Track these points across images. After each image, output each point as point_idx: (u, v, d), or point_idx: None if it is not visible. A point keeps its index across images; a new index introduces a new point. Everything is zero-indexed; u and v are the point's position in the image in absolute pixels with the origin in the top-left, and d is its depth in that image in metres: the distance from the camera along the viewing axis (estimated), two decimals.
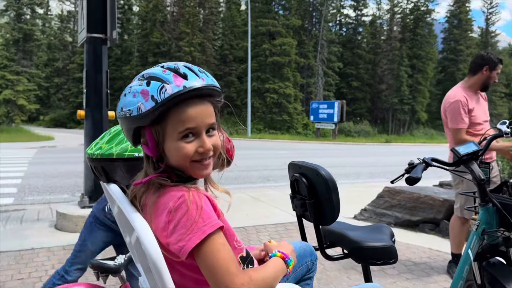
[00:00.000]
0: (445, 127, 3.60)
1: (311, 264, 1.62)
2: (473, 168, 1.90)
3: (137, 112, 1.09)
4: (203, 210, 1.06)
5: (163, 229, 1.06)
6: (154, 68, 1.15)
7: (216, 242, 1.05)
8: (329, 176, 1.55)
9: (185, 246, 1.02)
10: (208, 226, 1.04)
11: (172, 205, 1.05)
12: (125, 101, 1.13)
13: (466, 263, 1.90)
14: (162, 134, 1.12)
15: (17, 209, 5.82)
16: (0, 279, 3.33)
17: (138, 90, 1.11)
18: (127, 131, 1.16)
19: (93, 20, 4.58)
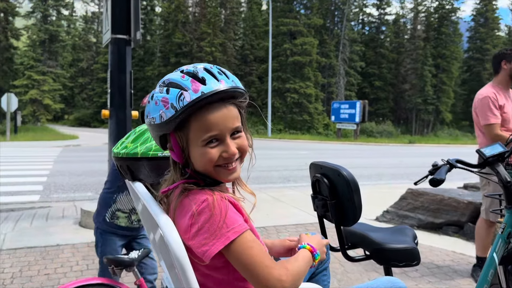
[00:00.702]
0: (476, 127, 3.52)
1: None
2: (499, 170, 1.86)
3: (160, 120, 1.10)
4: (227, 216, 1.06)
5: (185, 231, 1.07)
6: (174, 74, 1.15)
7: (246, 240, 1.06)
8: (351, 177, 1.54)
9: (208, 251, 1.04)
10: (232, 232, 1.05)
11: (195, 208, 1.06)
12: (149, 108, 1.14)
13: (491, 266, 1.86)
14: (186, 140, 1.13)
15: (42, 206, 5.98)
16: (29, 273, 3.43)
17: (159, 98, 1.11)
18: (155, 137, 1.18)
19: (117, 21, 4.65)
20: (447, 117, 49.10)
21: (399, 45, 51.16)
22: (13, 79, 38.38)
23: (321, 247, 1.30)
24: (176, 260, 0.97)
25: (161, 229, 1.01)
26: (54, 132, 28.62)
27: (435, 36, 49.80)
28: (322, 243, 1.32)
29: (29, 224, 4.90)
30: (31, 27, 40.03)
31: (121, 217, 2.36)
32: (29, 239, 4.30)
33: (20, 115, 26.81)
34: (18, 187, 7.64)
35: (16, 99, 20.78)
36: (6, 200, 6.50)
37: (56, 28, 40.23)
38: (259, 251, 1.07)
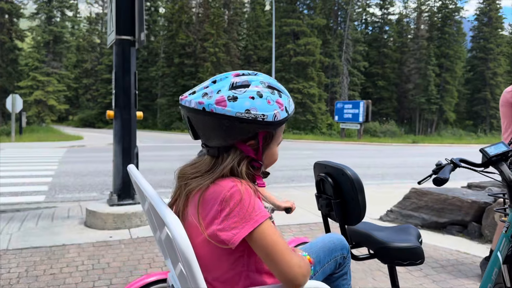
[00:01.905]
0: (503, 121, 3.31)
1: (342, 259, 1.61)
2: (503, 169, 1.87)
3: (273, 118, 1.20)
4: (256, 201, 1.14)
5: (214, 217, 1.13)
6: (271, 79, 1.27)
7: (269, 226, 1.14)
8: (355, 176, 1.55)
9: (238, 234, 1.10)
10: (260, 216, 1.12)
11: (225, 193, 1.13)
12: (257, 105, 1.18)
13: (495, 265, 1.87)
14: (271, 139, 1.26)
15: (48, 206, 6.01)
16: (34, 273, 3.45)
17: (273, 98, 1.22)
18: (244, 131, 1.20)
19: (121, 22, 4.68)
20: (450, 116, 48.96)
21: (403, 45, 51.09)
22: (18, 80, 38.61)
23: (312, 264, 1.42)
24: (183, 259, 0.99)
25: (168, 228, 1.03)
26: (59, 133, 28.73)
27: (438, 35, 49.68)
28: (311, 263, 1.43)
29: (34, 224, 4.93)
30: (36, 28, 40.28)
31: None
32: (34, 239, 4.32)
33: (25, 116, 26.91)
34: (24, 187, 7.68)
35: (21, 100, 20.87)
36: (11, 200, 6.54)
37: (60, 29, 40.45)
38: (281, 238, 1.15)
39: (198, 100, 1.19)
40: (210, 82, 1.24)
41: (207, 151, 1.26)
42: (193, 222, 1.21)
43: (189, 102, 1.21)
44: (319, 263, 1.53)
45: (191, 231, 1.21)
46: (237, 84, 1.20)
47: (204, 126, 1.20)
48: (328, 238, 1.60)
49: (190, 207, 1.22)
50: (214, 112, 1.17)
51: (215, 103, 1.17)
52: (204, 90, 1.22)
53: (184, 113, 1.25)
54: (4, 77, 37.54)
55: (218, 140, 1.21)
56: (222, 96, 1.18)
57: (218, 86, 1.21)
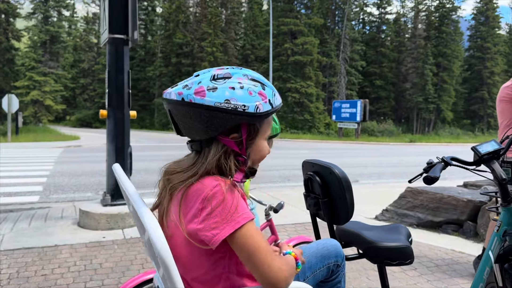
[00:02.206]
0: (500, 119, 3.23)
1: (335, 266, 1.56)
2: (494, 168, 1.85)
3: (254, 110, 1.16)
4: (239, 202, 1.11)
5: (194, 215, 1.10)
6: (255, 73, 1.24)
7: (252, 228, 1.10)
8: (343, 175, 1.53)
9: (218, 235, 1.07)
10: (242, 217, 1.09)
11: (207, 192, 1.09)
12: (237, 95, 1.15)
13: (486, 264, 1.85)
14: (256, 133, 1.22)
15: (42, 207, 5.97)
16: (26, 274, 3.42)
17: (255, 90, 1.18)
18: (225, 123, 1.16)
19: (115, 21, 4.65)
20: (448, 115, 49.05)
21: (400, 44, 51.15)
22: (14, 80, 38.47)
23: (302, 258, 1.34)
24: (161, 261, 0.96)
25: (146, 229, 1.00)
26: (56, 133, 28.63)
27: (435, 34, 49.76)
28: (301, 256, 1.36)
29: (27, 224, 4.90)
30: (32, 28, 40.15)
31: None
32: (26, 239, 4.29)
33: (21, 116, 26.79)
34: (18, 188, 7.63)
35: (17, 100, 20.80)
36: (5, 201, 6.49)
37: (57, 29, 40.33)
38: (263, 240, 1.12)
39: (177, 91, 1.17)
40: (193, 76, 1.22)
41: (191, 147, 1.23)
42: (175, 220, 1.18)
43: (169, 94, 1.19)
44: (310, 269, 1.49)
45: (173, 230, 1.19)
46: (218, 76, 1.18)
47: (184, 118, 1.17)
48: (322, 244, 1.56)
49: (173, 204, 1.19)
50: (192, 102, 1.14)
51: (194, 93, 1.14)
52: (185, 82, 1.20)
53: (166, 106, 1.22)
54: (0, 77, 37.43)
55: (198, 132, 1.18)
56: (201, 86, 1.15)
57: (199, 78, 1.19)
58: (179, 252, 1.19)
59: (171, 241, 1.19)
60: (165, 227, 1.20)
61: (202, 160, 1.18)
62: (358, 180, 9.68)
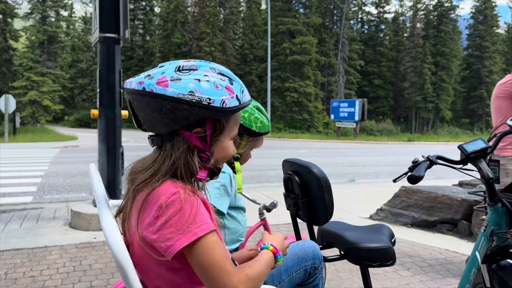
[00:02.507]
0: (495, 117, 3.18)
1: (312, 269, 1.52)
2: (481, 167, 1.81)
3: (220, 104, 1.10)
4: (198, 211, 1.03)
5: (149, 224, 1.03)
6: (223, 68, 1.18)
7: (210, 241, 1.03)
8: (322, 174, 1.49)
9: (172, 246, 1.00)
10: (200, 228, 1.02)
11: (164, 200, 1.02)
12: (203, 88, 1.09)
13: (473, 265, 1.81)
14: (221, 129, 1.15)
15: (35, 207, 5.92)
16: (14, 275, 3.38)
17: (222, 84, 1.12)
18: (187, 116, 1.09)
19: (105, 20, 4.61)
20: (447, 115, 49.03)
21: (398, 43, 51.12)
22: (12, 80, 38.37)
23: (283, 249, 1.27)
24: (117, 263, 0.92)
25: (104, 232, 0.96)
26: (54, 133, 28.57)
27: (434, 34, 49.73)
28: (284, 244, 1.29)
29: (19, 225, 4.85)
30: (30, 28, 40.05)
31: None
32: (16, 240, 4.25)
33: (19, 116, 26.75)
34: (12, 188, 7.59)
35: (14, 101, 20.72)
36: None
37: (54, 29, 40.23)
38: (222, 254, 1.03)
39: (139, 80, 1.10)
40: (157, 67, 1.16)
41: (152, 141, 1.16)
42: (134, 227, 1.10)
43: (130, 84, 1.11)
44: (286, 271, 1.45)
45: (133, 237, 1.12)
46: (184, 67, 1.12)
47: (144, 109, 1.10)
48: (300, 246, 1.51)
49: (134, 208, 1.11)
50: (153, 92, 1.07)
51: (156, 83, 1.08)
52: (148, 72, 1.13)
53: (126, 97, 1.15)
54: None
55: (159, 125, 1.10)
56: (164, 76, 1.09)
57: (163, 69, 1.12)
58: (139, 260, 1.12)
59: (131, 248, 1.13)
60: (127, 233, 1.13)
61: (163, 155, 1.11)
62: (355, 180, 9.66)
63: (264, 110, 1.84)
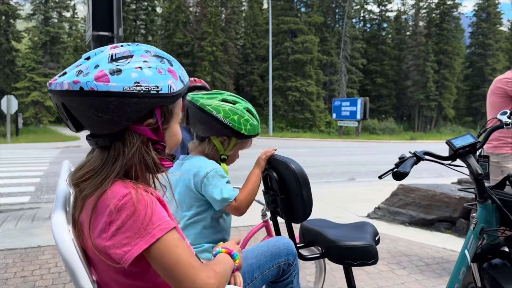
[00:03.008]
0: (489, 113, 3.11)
1: (286, 265, 1.47)
2: (470, 162, 1.76)
3: (168, 90, 1.02)
4: (154, 211, 0.96)
5: (102, 230, 0.95)
6: (156, 48, 1.08)
7: (172, 238, 0.97)
8: (299, 170, 1.44)
9: (130, 252, 0.93)
10: (158, 229, 0.95)
11: (115, 203, 0.95)
12: (146, 75, 1.00)
13: (462, 264, 1.76)
14: (170, 115, 1.08)
15: (31, 207, 5.90)
16: (5, 276, 3.35)
17: (164, 68, 1.03)
18: (138, 109, 1.00)
19: (99, 18, 4.57)
20: (450, 113, 48.85)
21: (401, 42, 50.93)
22: (15, 81, 38.45)
23: (237, 249, 1.23)
24: (65, 264, 0.88)
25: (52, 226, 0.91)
26: (56, 134, 28.60)
27: (436, 32, 49.53)
28: (236, 247, 1.25)
29: (14, 225, 4.83)
30: (32, 29, 40.12)
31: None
32: (10, 240, 4.22)
33: (21, 117, 26.80)
34: (10, 188, 7.58)
35: (16, 101, 20.77)
36: None
37: (57, 30, 40.27)
38: (185, 251, 0.97)
39: (72, 79, 0.97)
40: (83, 59, 1.02)
41: (96, 142, 1.05)
42: (86, 233, 1.02)
43: (60, 85, 0.97)
44: (259, 268, 1.41)
45: (85, 243, 1.04)
46: (117, 56, 1.00)
47: (85, 111, 0.98)
48: (273, 242, 1.47)
49: (84, 212, 1.02)
50: (95, 91, 0.95)
51: (95, 79, 0.96)
52: (76, 68, 0.99)
53: (56, 100, 1.01)
54: (1, 78, 37.43)
55: (107, 125, 1.00)
56: (101, 70, 0.97)
57: (94, 61, 1.00)
58: (95, 267, 1.06)
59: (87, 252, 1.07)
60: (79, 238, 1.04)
61: (113, 156, 1.02)
62: (355, 178, 9.60)
63: (254, 111, 1.81)
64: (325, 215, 5.03)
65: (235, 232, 4.46)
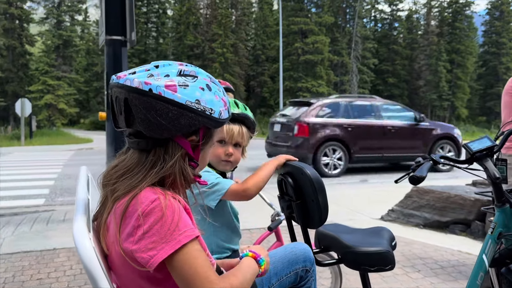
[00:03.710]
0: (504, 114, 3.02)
1: (303, 272, 1.47)
2: (487, 166, 1.74)
3: (218, 115, 1.12)
4: (180, 218, 1.00)
5: (129, 234, 0.99)
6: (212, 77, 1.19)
7: (193, 249, 0.99)
8: (315, 175, 1.44)
9: (155, 256, 0.96)
10: (184, 235, 0.98)
11: (144, 208, 0.98)
12: (207, 97, 1.10)
13: (480, 269, 1.74)
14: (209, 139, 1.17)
15: (46, 210, 5.98)
16: (21, 278, 3.40)
17: (220, 96, 1.14)
18: (190, 124, 1.08)
19: (111, 22, 4.61)
20: (463, 113, 48.25)
21: (413, 41, 50.49)
22: (29, 84, 39.04)
23: (265, 254, 1.23)
24: (87, 271, 0.89)
25: (74, 237, 0.93)
26: (69, 136, 28.89)
27: (449, 31, 49.01)
28: (264, 251, 1.26)
29: (29, 228, 4.90)
30: (45, 33, 40.67)
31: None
32: (26, 243, 4.28)
33: (35, 120, 27.13)
34: (24, 191, 7.68)
35: (29, 104, 21.03)
36: (11, 204, 6.53)
37: (69, 34, 40.76)
38: (205, 263, 0.99)
39: (143, 80, 1.05)
40: (152, 66, 1.11)
41: (138, 143, 1.09)
42: (112, 237, 1.05)
43: (130, 81, 1.05)
44: (276, 275, 1.41)
45: (111, 247, 1.07)
46: (185, 72, 1.10)
47: (145, 111, 1.04)
48: (290, 248, 1.47)
49: (113, 216, 1.06)
50: (162, 96, 1.03)
51: (165, 87, 1.04)
52: (148, 72, 1.08)
53: (119, 94, 1.07)
54: (15, 81, 37.99)
55: (159, 130, 1.05)
56: (172, 80, 1.06)
57: (164, 70, 1.09)
58: (118, 271, 1.08)
59: (109, 257, 1.10)
60: (103, 244, 1.08)
61: (153, 160, 1.07)
62: (367, 180, 9.54)
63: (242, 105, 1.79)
64: (338, 218, 5.01)
65: (248, 234, 4.46)
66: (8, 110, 36.99)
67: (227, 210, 1.75)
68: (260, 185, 1.56)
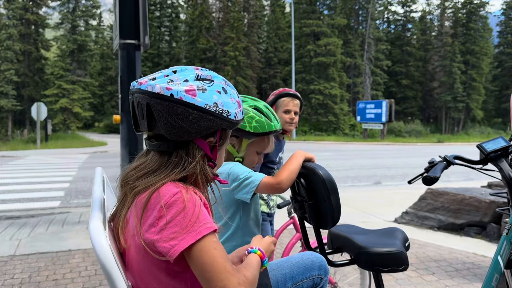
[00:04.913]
0: None
1: (319, 279, 1.48)
2: (502, 166, 1.72)
3: (234, 117, 1.18)
4: (201, 210, 1.04)
5: (151, 225, 1.03)
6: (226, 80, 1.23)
7: (212, 241, 1.03)
8: (327, 176, 1.44)
9: (177, 246, 1.00)
10: (204, 227, 1.02)
11: (166, 200, 1.03)
12: (223, 100, 1.15)
13: (495, 271, 1.72)
14: (224, 140, 1.24)
15: (62, 212, 6.05)
16: (37, 279, 3.45)
17: (236, 98, 1.21)
18: (209, 126, 1.13)
19: (125, 26, 4.66)
20: (478, 114, 47.61)
21: (426, 42, 50.04)
22: (44, 88, 39.59)
23: (270, 253, 1.30)
24: (103, 268, 0.91)
25: (90, 234, 0.95)
26: (84, 140, 29.24)
27: (463, 32, 48.45)
28: (270, 248, 1.31)
29: (45, 229, 4.97)
30: (60, 37, 41.21)
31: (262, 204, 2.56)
32: (42, 244, 4.34)
33: (50, 123, 27.50)
34: (40, 193, 7.79)
35: (45, 108, 21.31)
36: (27, 206, 6.63)
37: (84, 38, 41.25)
38: (222, 255, 1.03)
39: (164, 85, 1.09)
40: (171, 71, 1.16)
41: (158, 146, 1.14)
42: (132, 230, 1.09)
43: (152, 87, 1.09)
44: (291, 279, 1.43)
45: (130, 241, 1.11)
46: (202, 77, 1.15)
47: (168, 115, 1.08)
48: (307, 255, 1.49)
49: (133, 211, 1.09)
50: (183, 101, 1.08)
51: (185, 91, 1.09)
52: (168, 77, 1.13)
53: (141, 99, 1.10)
54: (31, 86, 38.59)
55: (180, 132, 1.10)
56: (191, 85, 1.11)
57: (182, 76, 1.14)
58: (134, 266, 1.12)
59: (126, 254, 1.14)
60: (121, 239, 1.12)
61: (175, 161, 1.12)
62: (381, 182, 9.48)
63: (266, 110, 1.78)
64: (351, 220, 4.99)
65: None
66: (24, 114, 37.58)
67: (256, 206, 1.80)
68: (292, 177, 1.60)
